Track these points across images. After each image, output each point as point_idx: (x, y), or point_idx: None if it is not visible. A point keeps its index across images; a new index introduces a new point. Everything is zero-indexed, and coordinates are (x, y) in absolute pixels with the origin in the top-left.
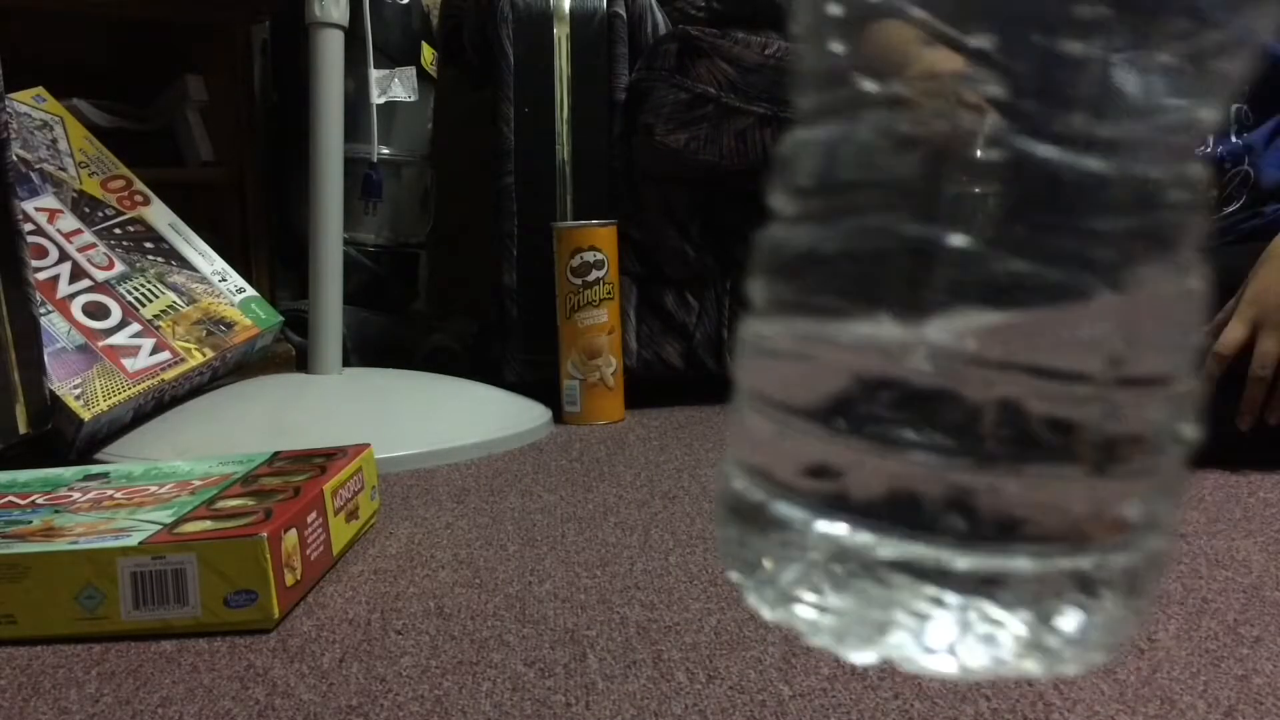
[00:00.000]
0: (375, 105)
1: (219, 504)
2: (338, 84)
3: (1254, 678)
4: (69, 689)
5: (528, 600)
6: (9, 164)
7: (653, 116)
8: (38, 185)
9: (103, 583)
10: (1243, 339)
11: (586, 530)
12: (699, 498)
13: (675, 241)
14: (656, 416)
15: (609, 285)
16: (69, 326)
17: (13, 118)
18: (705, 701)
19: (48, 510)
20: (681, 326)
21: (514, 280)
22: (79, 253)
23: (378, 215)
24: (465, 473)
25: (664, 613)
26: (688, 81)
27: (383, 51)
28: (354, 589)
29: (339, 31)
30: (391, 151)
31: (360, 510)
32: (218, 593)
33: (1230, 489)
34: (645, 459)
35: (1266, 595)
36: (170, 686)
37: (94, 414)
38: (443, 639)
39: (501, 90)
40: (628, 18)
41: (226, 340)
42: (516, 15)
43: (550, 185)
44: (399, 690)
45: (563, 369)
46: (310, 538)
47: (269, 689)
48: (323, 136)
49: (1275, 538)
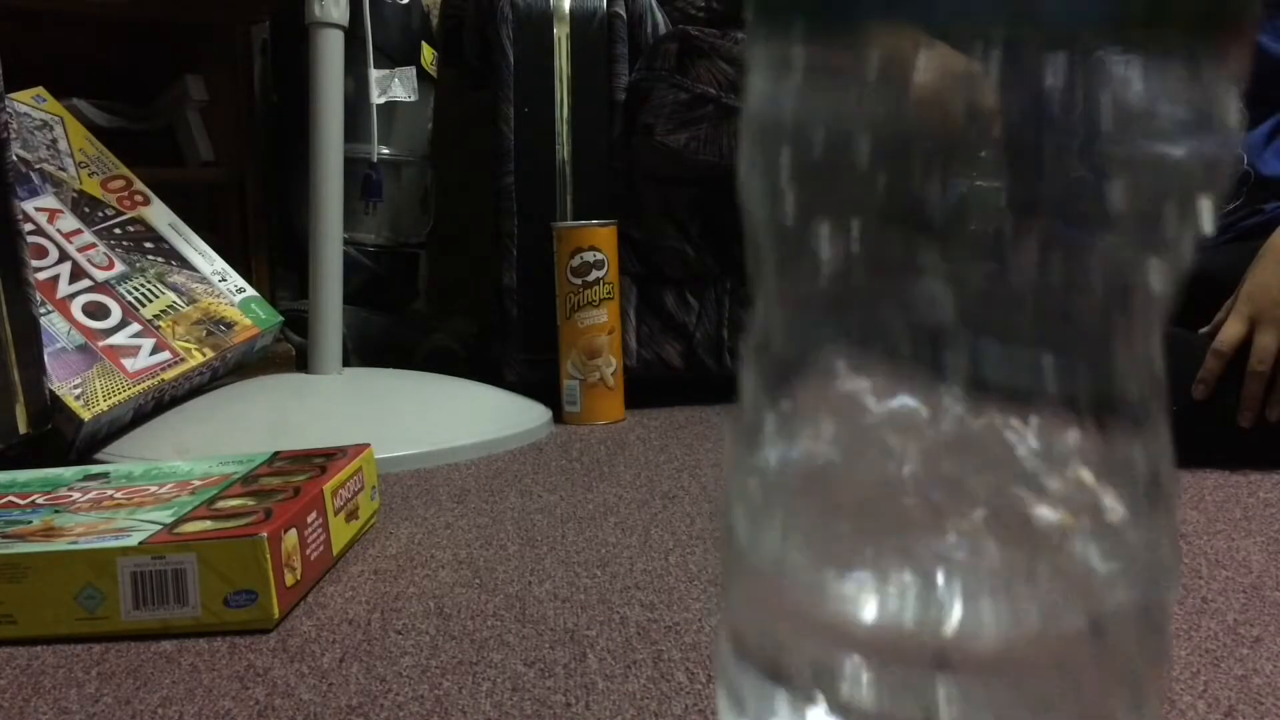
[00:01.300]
0: (375, 105)
1: (219, 504)
2: (338, 84)
3: (1254, 678)
4: (69, 689)
5: (528, 600)
6: (9, 164)
7: (653, 116)
8: (38, 185)
9: (103, 583)
10: (1241, 335)
11: (586, 530)
12: (699, 498)
13: (675, 241)
14: (656, 416)
15: (609, 285)
16: (69, 326)
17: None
18: (705, 701)
19: (48, 510)
20: (681, 326)
21: (514, 280)
22: (79, 253)
23: (378, 215)
24: (465, 473)
25: (664, 613)
26: (688, 81)
27: (383, 51)
28: (354, 589)
29: (339, 31)
30: (391, 151)
31: (360, 510)
32: (218, 593)
33: (1230, 489)
34: (645, 459)
35: (1266, 595)
36: (170, 686)
37: (94, 414)
38: (443, 639)
39: (501, 90)
40: (628, 18)
41: (226, 340)
42: (516, 15)
43: (550, 185)
44: (399, 690)
45: (563, 369)
46: (310, 538)
47: (269, 689)
48: (323, 136)
49: (1275, 538)
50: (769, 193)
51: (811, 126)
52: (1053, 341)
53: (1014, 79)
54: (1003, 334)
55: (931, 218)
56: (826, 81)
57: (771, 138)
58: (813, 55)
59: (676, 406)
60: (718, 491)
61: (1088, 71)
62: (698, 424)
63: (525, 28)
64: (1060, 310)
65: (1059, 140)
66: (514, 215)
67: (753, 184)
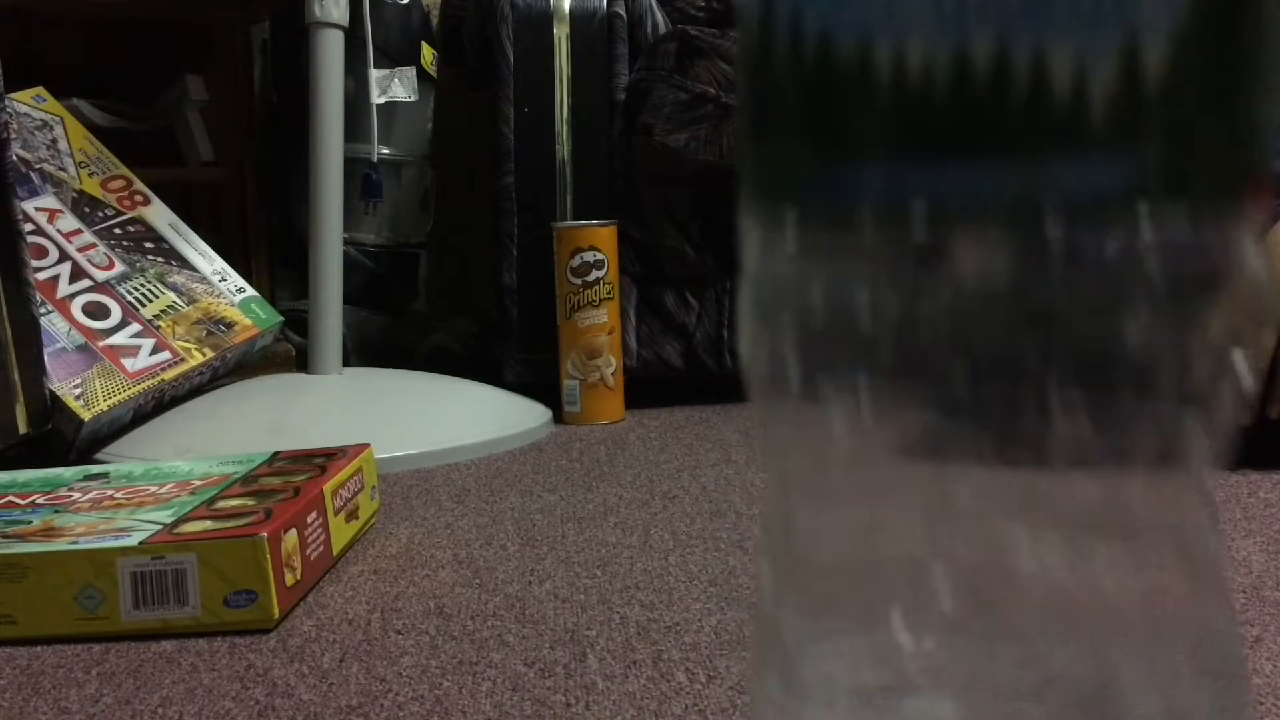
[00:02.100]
0: (375, 105)
1: (219, 504)
2: (338, 84)
3: (1254, 678)
4: (69, 689)
5: (528, 600)
6: (9, 164)
7: (652, 116)
8: (38, 185)
9: (103, 583)
10: None
11: (586, 530)
12: (699, 498)
13: (675, 241)
14: (656, 416)
15: (609, 285)
16: (69, 326)
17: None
18: (705, 701)
19: (48, 510)
20: (681, 326)
21: (514, 280)
22: (79, 253)
23: (378, 215)
24: (465, 473)
25: (664, 613)
26: (687, 81)
27: (383, 51)
28: (354, 589)
29: (339, 31)
30: (391, 151)
31: (360, 510)
32: (218, 593)
33: (1230, 489)
34: (645, 459)
35: (1266, 595)
36: (170, 686)
37: (94, 414)
38: (443, 639)
39: (501, 90)
40: (628, 18)
41: (226, 340)
42: (516, 15)
43: (550, 185)
44: (399, 690)
45: (563, 369)
46: (310, 538)
47: (269, 689)
48: (323, 136)
49: (1275, 538)
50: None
51: (815, 307)
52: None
53: (1029, 254)
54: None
55: (949, 398)
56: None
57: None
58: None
59: (676, 406)
60: (718, 491)
61: (1105, 243)
62: (698, 424)
63: (525, 28)
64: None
65: (1076, 313)
66: (514, 215)
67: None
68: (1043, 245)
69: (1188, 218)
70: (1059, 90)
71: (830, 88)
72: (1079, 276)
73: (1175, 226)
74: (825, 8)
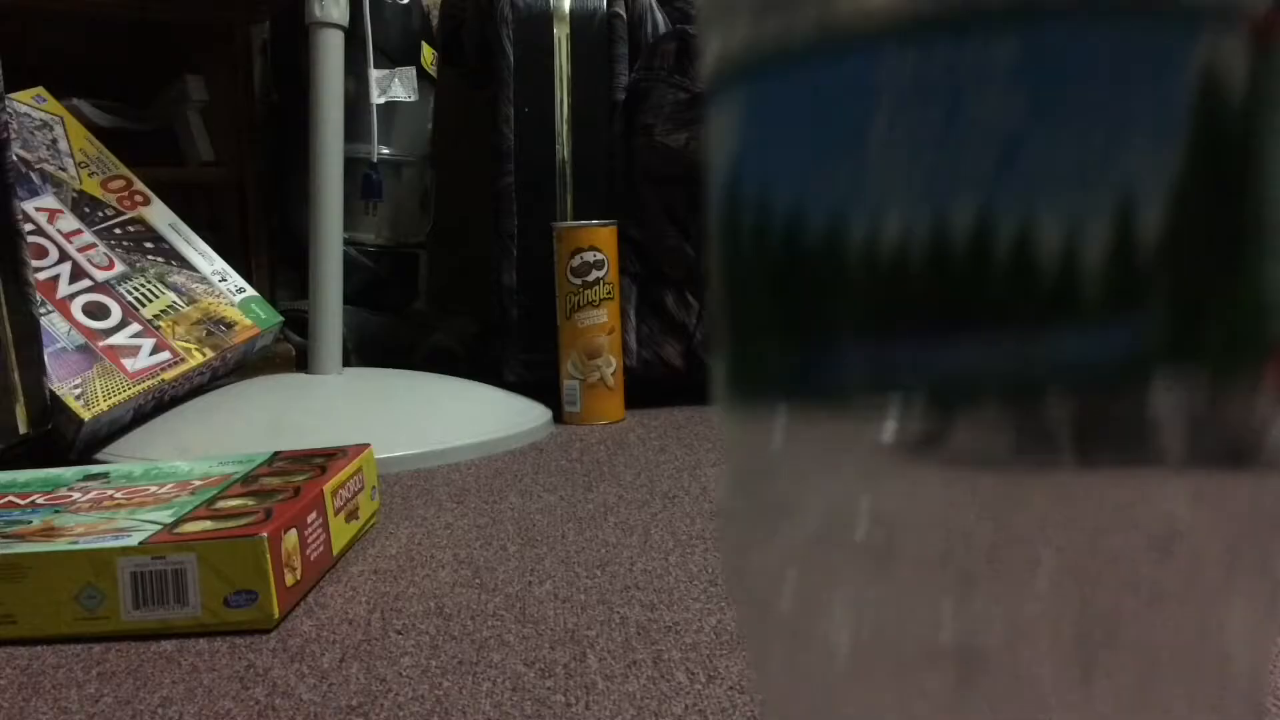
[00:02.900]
0: (375, 105)
1: (219, 504)
2: (338, 84)
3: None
4: (69, 689)
5: (528, 600)
6: (9, 164)
7: (652, 116)
8: (38, 185)
9: (103, 583)
10: None
11: (586, 530)
12: (699, 498)
13: (675, 241)
14: (656, 416)
15: (609, 285)
16: (69, 326)
17: (13, 118)
18: (705, 701)
19: (48, 510)
20: (681, 326)
21: (514, 280)
22: (79, 253)
23: (378, 215)
24: (465, 473)
25: (664, 613)
26: (687, 81)
27: (383, 51)
28: (354, 589)
29: (339, 31)
30: (391, 151)
31: (360, 510)
32: (218, 593)
33: None
34: (645, 459)
35: None
36: (170, 686)
37: (94, 414)
38: (443, 639)
39: (501, 90)
40: (628, 18)
41: (226, 340)
42: (516, 15)
43: (550, 185)
44: (399, 690)
45: (563, 369)
46: (310, 538)
47: (269, 689)
48: (323, 136)
49: None
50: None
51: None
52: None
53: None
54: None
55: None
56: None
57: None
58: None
59: (676, 406)
60: (718, 491)
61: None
62: (698, 424)
63: (525, 28)
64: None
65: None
66: (514, 215)
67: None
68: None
69: (1203, 389)
70: (1048, 260)
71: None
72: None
73: (1189, 398)
74: (795, 188)
